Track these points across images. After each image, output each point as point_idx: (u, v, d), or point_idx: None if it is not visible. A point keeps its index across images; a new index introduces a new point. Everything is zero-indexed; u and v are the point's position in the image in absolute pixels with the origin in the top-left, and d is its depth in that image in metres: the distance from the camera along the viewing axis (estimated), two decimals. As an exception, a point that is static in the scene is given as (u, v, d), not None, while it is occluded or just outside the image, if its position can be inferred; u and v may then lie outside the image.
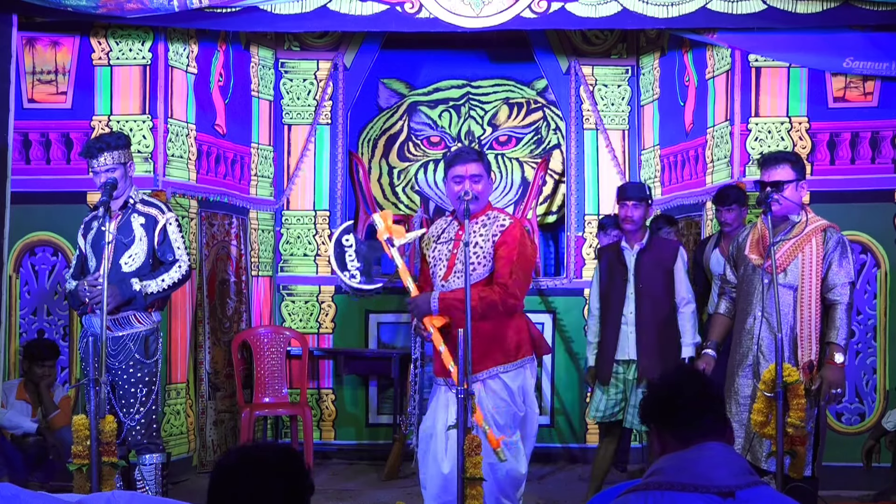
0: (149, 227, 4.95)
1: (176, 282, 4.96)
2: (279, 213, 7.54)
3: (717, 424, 2.46)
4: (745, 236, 4.83)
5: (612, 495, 2.74)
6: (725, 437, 2.46)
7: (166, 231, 4.95)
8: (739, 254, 4.82)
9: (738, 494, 2.32)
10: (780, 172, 4.63)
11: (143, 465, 4.88)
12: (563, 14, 6.03)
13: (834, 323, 4.57)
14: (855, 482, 5.84)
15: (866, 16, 5.83)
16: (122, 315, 4.86)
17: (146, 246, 4.93)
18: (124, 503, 3.25)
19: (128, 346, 4.87)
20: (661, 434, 2.48)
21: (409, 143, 7.90)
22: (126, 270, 4.88)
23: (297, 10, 6.05)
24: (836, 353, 4.51)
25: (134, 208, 4.97)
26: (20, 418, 5.95)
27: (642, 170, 7.48)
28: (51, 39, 6.29)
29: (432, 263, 4.62)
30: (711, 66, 6.54)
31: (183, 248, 4.99)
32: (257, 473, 2.13)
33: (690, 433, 2.42)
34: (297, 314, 7.51)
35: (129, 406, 4.83)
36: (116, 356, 4.84)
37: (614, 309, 5.66)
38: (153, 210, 5.00)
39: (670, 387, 2.51)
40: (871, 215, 6.18)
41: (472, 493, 3.98)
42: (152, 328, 4.95)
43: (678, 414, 2.45)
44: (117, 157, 4.90)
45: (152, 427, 4.92)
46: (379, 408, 7.45)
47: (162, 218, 4.98)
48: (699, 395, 2.47)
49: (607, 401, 5.65)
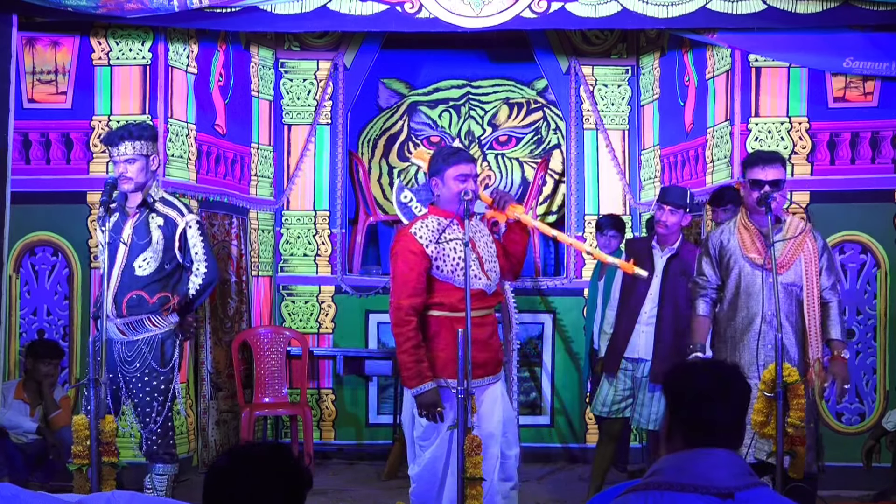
0: (167, 230, 4.78)
1: (198, 290, 4.83)
2: (279, 213, 7.54)
3: (729, 437, 2.42)
4: (731, 236, 4.81)
5: (612, 495, 2.74)
6: (732, 446, 2.42)
7: (186, 236, 4.79)
8: (726, 253, 4.80)
9: (738, 496, 2.31)
10: (777, 171, 4.67)
11: (155, 475, 4.79)
12: (563, 14, 6.03)
13: (833, 320, 4.73)
14: (855, 482, 5.84)
15: (866, 16, 5.83)
16: (135, 318, 4.73)
17: (161, 249, 4.76)
18: (124, 503, 3.25)
19: (143, 352, 4.73)
20: (672, 421, 2.44)
21: (409, 143, 7.90)
22: (139, 274, 4.75)
23: (297, 10, 6.04)
24: (843, 349, 4.62)
25: (153, 207, 4.79)
26: (20, 418, 5.95)
27: (642, 170, 7.48)
28: (51, 39, 6.29)
29: (451, 266, 4.36)
30: (711, 66, 6.54)
31: (202, 253, 4.82)
32: (249, 472, 2.12)
33: (697, 437, 2.39)
34: (297, 314, 7.52)
35: (146, 416, 4.73)
36: (131, 363, 4.71)
37: (632, 304, 5.64)
38: (172, 212, 4.82)
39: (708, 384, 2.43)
40: (871, 215, 6.18)
41: (472, 493, 3.98)
42: (169, 331, 4.81)
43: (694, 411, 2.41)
44: (139, 148, 4.72)
45: (168, 436, 4.82)
46: (379, 408, 7.45)
47: (181, 221, 4.80)
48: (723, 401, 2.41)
49: (614, 395, 5.63)
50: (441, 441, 4.32)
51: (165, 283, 4.83)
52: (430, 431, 4.36)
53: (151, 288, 4.79)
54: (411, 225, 4.48)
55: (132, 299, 4.74)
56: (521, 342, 6.83)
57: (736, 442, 2.42)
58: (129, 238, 4.65)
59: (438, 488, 4.42)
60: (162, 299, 4.81)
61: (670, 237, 5.60)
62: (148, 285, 4.78)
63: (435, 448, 4.35)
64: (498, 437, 4.42)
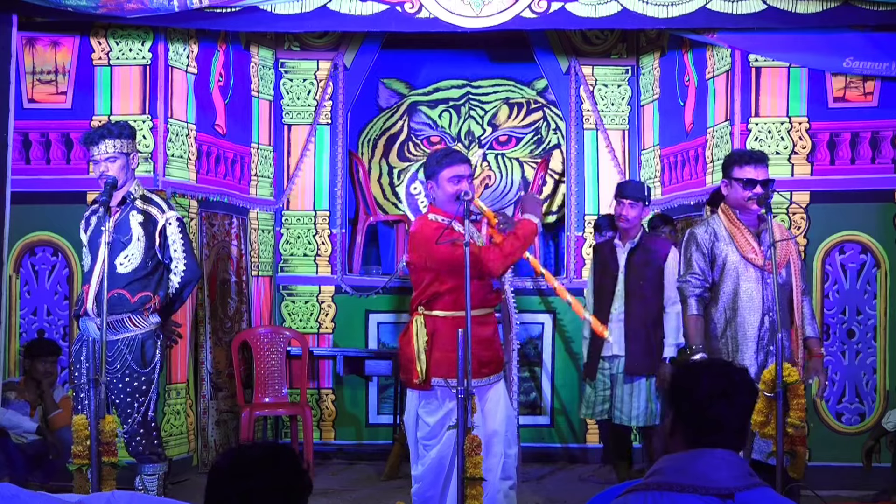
0: (147, 226, 4.74)
1: (177, 289, 4.79)
2: (279, 213, 7.54)
3: (733, 438, 2.40)
4: (720, 236, 4.78)
5: (612, 495, 2.74)
6: (736, 447, 2.41)
7: (166, 233, 4.76)
8: (720, 253, 4.77)
9: (738, 496, 2.31)
10: (766, 170, 4.71)
11: (144, 475, 4.76)
12: (563, 14, 6.02)
13: (809, 318, 4.80)
14: (855, 482, 5.84)
15: (866, 16, 5.83)
16: (116, 318, 4.66)
17: (143, 246, 4.73)
18: (124, 503, 3.26)
19: (123, 353, 4.68)
20: (676, 420, 2.44)
21: (409, 143, 7.90)
22: (121, 272, 4.69)
23: (297, 10, 6.04)
24: (820, 346, 4.76)
25: (133, 205, 4.76)
26: (20, 418, 5.95)
27: (642, 170, 7.48)
28: (51, 39, 6.29)
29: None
30: (711, 66, 6.54)
31: (181, 250, 4.78)
32: (250, 473, 2.12)
33: (702, 436, 2.38)
34: (297, 314, 7.51)
35: (126, 416, 4.71)
36: (112, 363, 4.64)
37: (604, 306, 5.73)
38: (153, 209, 4.79)
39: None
40: (871, 215, 6.18)
41: (472, 493, 3.99)
42: (149, 331, 4.76)
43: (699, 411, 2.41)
44: (119, 146, 4.70)
45: (152, 436, 4.78)
46: (379, 408, 7.45)
47: (161, 218, 4.77)
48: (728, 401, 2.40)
49: (595, 396, 5.71)
50: (447, 440, 4.34)
51: (147, 283, 4.76)
52: (436, 431, 4.38)
53: (133, 287, 4.73)
54: (425, 216, 4.57)
55: (113, 298, 4.63)
56: (521, 342, 6.82)
57: (740, 443, 2.41)
58: (110, 236, 4.61)
59: (443, 488, 4.43)
60: (143, 298, 4.74)
61: (631, 231, 5.72)
62: (129, 284, 4.72)
63: (441, 447, 4.39)
64: (502, 435, 4.45)
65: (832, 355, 6.11)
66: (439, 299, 4.45)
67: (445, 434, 4.35)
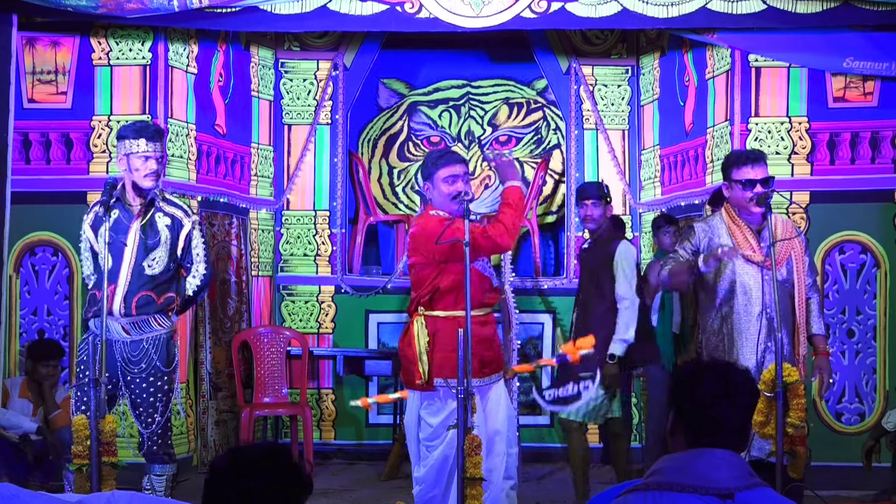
0: (174, 229, 4.79)
1: (195, 291, 4.87)
2: (279, 213, 7.54)
3: (734, 438, 2.39)
4: (719, 233, 4.77)
5: (611, 495, 2.74)
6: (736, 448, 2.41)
7: (191, 237, 4.81)
8: (715, 247, 4.75)
9: (738, 496, 2.31)
10: (765, 169, 4.71)
11: (153, 475, 4.78)
12: (563, 14, 6.03)
13: (815, 316, 4.80)
14: (855, 482, 5.84)
15: (866, 16, 5.83)
16: (141, 318, 4.72)
17: (169, 248, 4.77)
18: (124, 503, 3.26)
19: (149, 353, 4.72)
20: (677, 420, 2.44)
21: (409, 143, 7.90)
22: (149, 273, 4.73)
23: (297, 10, 6.04)
24: (826, 344, 4.80)
25: (159, 207, 4.79)
26: (20, 418, 5.94)
27: (642, 170, 7.48)
28: (51, 39, 6.29)
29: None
30: (711, 66, 6.54)
31: (202, 255, 4.85)
32: (249, 473, 2.12)
33: (703, 436, 2.38)
34: (297, 314, 7.52)
35: (149, 416, 4.73)
36: (137, 363, 4.69)
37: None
38: (178, 212, 4.83)
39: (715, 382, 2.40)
40: (871, 215, 6.19)
41: (472, 493, 3.99)
42: (171, 331, 4.83)
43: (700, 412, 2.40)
44: (160, 148, 4.76)
45: (167, 436, 4.82)
46: (379, 408, 7.45)
47: (188, 222, 4.82)
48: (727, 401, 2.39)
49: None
50: (450, 440, 4.35)
51: (170, 284, 4.84)
52: (439, 431, 4.39)
53: (160, 288, 4.79)
54: (426, 214, 4.59)
55: (142, 299, 4.72)
56: (521, 342, 6.83)
57: (740, 443, 2.41)
58: (136, 237, 4.66)
59: (445, 488, 4.44)
60: (168, 299, 4.81)
61: (599, 231, 5.66)
62: (158, 285, 4.78)
63: (444, 447, 4.40)
64: (504, 433, 4.46)
65: (832, 355, 6.10)
66: (440, 299, 4.45)
67: (448, 434, 4.36)
